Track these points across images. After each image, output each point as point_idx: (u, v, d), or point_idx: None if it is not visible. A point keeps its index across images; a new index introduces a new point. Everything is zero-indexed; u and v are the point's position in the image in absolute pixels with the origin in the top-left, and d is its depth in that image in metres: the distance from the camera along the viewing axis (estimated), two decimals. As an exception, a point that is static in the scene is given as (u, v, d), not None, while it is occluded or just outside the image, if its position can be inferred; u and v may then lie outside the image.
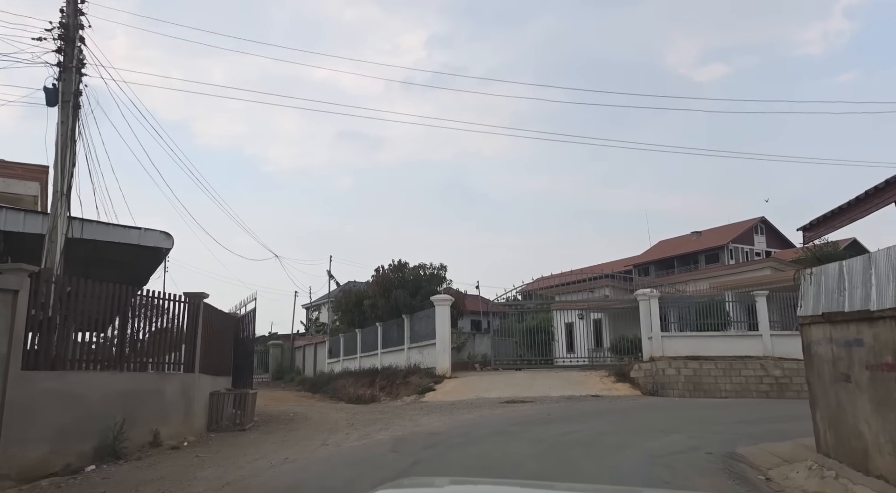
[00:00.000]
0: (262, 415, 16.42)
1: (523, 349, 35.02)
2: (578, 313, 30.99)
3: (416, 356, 22.80)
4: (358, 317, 28.59)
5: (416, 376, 21.23)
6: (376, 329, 27.03)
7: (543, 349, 26.66)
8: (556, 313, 32.13)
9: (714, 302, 21.54)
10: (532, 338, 27.36)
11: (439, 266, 25.19)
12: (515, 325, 27.22)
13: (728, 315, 21.37)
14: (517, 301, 26.04)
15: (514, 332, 27.07)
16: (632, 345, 26.12)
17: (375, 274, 25.28)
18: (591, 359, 27.94)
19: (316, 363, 35.74)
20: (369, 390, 24.08)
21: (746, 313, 21.18)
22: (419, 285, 24.35)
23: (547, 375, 20.66)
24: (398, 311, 24.11)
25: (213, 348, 12.58)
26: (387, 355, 26.05)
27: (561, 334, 31.01)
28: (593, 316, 32.68)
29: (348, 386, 26.76)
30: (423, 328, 22.92)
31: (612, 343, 29.32)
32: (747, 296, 21.21)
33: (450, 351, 21.30)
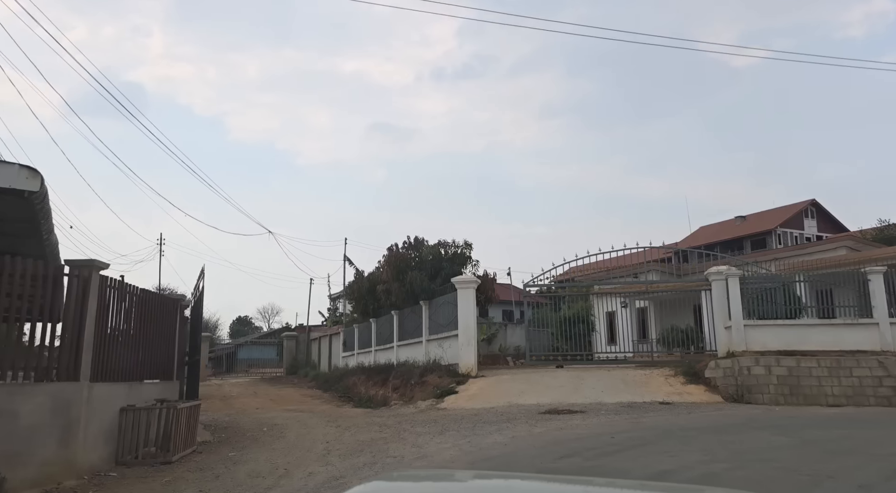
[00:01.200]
0: (231, 428, 12.48)
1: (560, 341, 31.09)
2: (622, 300, 26.65)
3: (436, 351, 18.70)
4: (372, 305, 24.58)
5: (435, 375, 17.12)
6: (391, 319, 22.99)
7: (582, 342, 23.00)
8: (596, 300, 28.25)
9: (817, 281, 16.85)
10: (570, 329, 23.87)
11: (463, 244, 21.00)
12: (551, 314, 23.49)
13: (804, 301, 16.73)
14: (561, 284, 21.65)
15: (549, 322, 23.12)
16: (685, 336, 21.96)
17: (388, 253, 21.19)
18: (636, 352, 23.98)
19: (331, 357, 31.91)
20: (381, 390, 20.06)
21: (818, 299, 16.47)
22: (439, 266, 20.21)
23: (595, 373, 16.35)
24: (415, 296, 20.01)
25: (130, 343, 8.60)
26: (403, 348, 22.01)
27: (601, 324, 27.11)
28: (638, 304, 28.60)
29: (360, 384, 22.79)
30: (444, 317, 18.80)
31: (662, 334, 25.10)
32: (851, 275, 16.52)
33: (475, 345, 17.13)
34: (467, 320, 17.02)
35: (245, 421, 13.98)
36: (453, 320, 17.96)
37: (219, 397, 22.93)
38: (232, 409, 18.42)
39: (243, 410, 18.02)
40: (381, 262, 21.18)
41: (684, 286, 20.24)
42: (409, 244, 20.96)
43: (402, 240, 20.98)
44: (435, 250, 20.60)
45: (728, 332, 15.66)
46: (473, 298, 17.28)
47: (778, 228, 50.92)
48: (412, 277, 19.49)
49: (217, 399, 22.32)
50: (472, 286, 17.27)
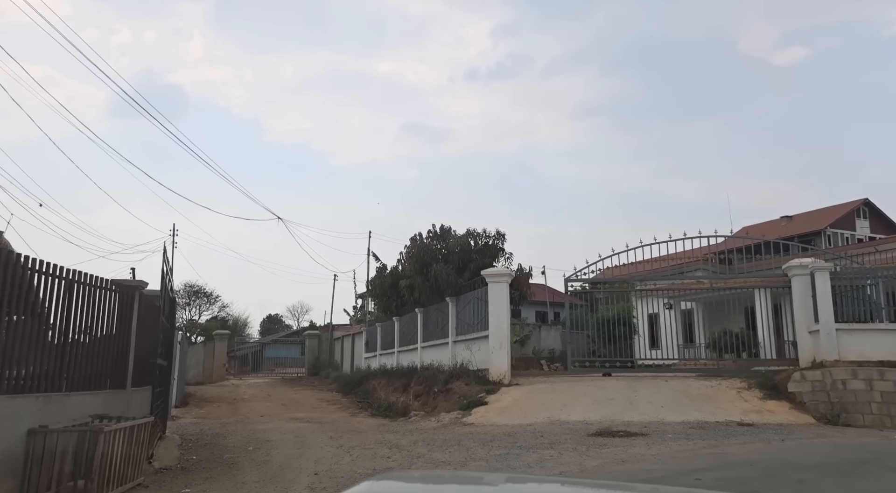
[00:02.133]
0: (212, 446, 10.17)
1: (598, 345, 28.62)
2: (666, 301, 23.81)
3: (464, 353, 16.23)
4: (395, 302, 22.22)
5: (462, 382, 14.65)
6: (415, 317, 20.58)
7: (622, 346, 20.34)
8: (638, 301, 25.55)
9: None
10: (609, 331, 21.41)
11: (495, 234, 18.48)
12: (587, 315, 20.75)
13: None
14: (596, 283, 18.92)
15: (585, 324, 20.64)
16: (738, 341, 18.97)
17: (410, 245, 18.77)
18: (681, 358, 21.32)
19: (353, 358, 29.65)
20: (402, 396, 17.65)
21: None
22: (468, 259, 17.72)
23: (650, 383, 13.70)
24: (440, 292, 17.57)
25: (42, 342, 6.31)
26: (428, 350, 19.59)
27: (643, 326, 24.41)
28: (683, 305, 25.85)
29: (380, 389, 20.42)
30: (473, 315, 16.33)
31: (712, 339, 22.35)
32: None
33: (508, 348, 14.61)
34: (500, 319, 14.52)
35: (236, 435, 11.69)
36: (483, 318, 15.48)
37: (228, 401, 20.81)
38: (234, 416, 16.21)
39: (246, 417, 15.80)
40: (403, 254, 18.81)
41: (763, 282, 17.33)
42: (435, 234, 18.51)
43: (427, 229, 18.61)
44: (463, 240, 18.13)
45: (814, 337, 12.88)
46: (507, 294, 14.77)
47: (828, 229, 47.29)
48: (437, 270, 17.04)
49: (225, 403, 20.20)
50: (504, 280, 14.77)
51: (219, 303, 61.88)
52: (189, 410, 17.94)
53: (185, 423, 14.03)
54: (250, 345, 55.69)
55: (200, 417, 15.68)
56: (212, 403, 20.33)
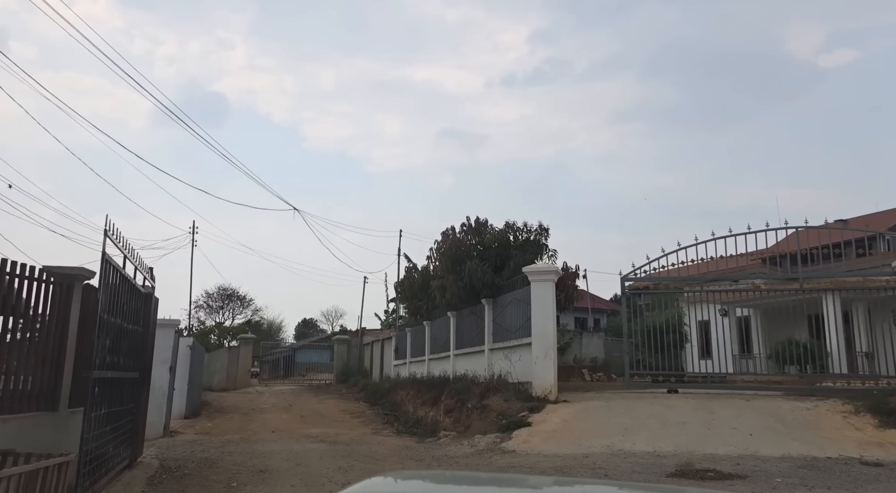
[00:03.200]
0: (191, 478, 8.09)
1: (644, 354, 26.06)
2: (720, 307, 21.14)
3: (502, 363, 13.96)
4: (426, 304, 20.06)
5: (500, 397, 12.37)
6: (447, 322, 18.37)
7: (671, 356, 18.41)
8: (689, 307, 23.06)
9: None
10: (657, 340, 18.81)
11: (537, 228, 16.11)
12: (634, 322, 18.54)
13: None
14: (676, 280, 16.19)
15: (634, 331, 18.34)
16: (805, 352, 16.51)
17: (442, 239, 16.53)
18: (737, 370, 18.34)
19: (383, 365, 27.55)
20: (431, 411, 15.45)
21: None
22: (506, 255, 15.44)
23: (727, 403, 11.24)
24: (475, 293, 15.33)
25: None
26: (461, 358, 17.37)
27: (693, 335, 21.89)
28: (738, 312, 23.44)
29: (408, 401, 18.25)
30: (513, 319, 14.07)
31: (774, 349, 19.83)
32: None
33: (554, 358, 12.29)
34: (544, 323, 12.23)
35: (230, 460, 9.62)
36: (524, 323, 13.21)
37: (244, 412, 18.88)
38: (243, 431, 14.22)
39: (254, 434, 13.79)
40: (434, 250, 16.61)
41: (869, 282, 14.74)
42: (469, 228, 16.25)
43: (460, 223, 16.37)
44: (501, 235, 15.84)
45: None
46: (552, 294, 12.47)
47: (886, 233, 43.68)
48: (471, 268, 14.79)
49: (240, 414, 18.26)
50: (550, 279, 12.47)
51: (252, 306, 60.68)
52: (197, 422, 16.04)
53: (182, 441, 12.07)
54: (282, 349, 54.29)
55: (204, 432, 13.73)
56: (225, 413, 18.43)
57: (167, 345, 13.13)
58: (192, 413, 17.55)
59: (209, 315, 57.44)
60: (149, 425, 12.82)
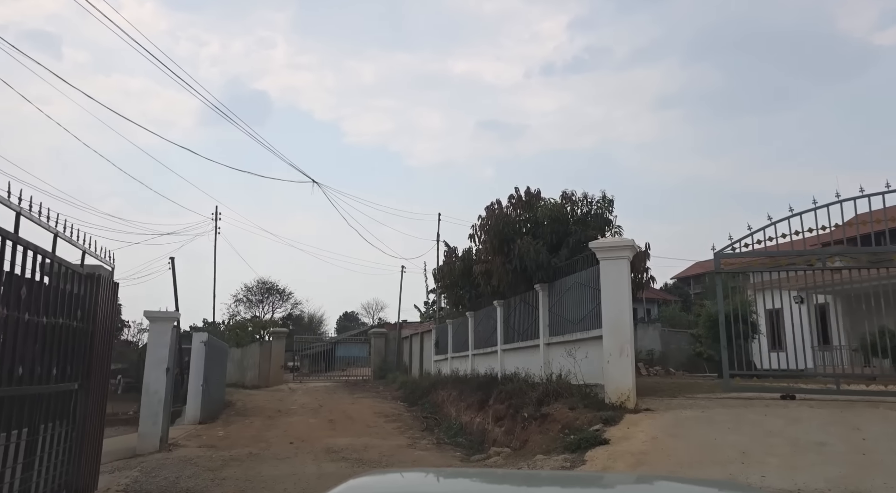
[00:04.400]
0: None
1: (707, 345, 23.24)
2: (795, 294, 17.97)
3: (562, 360, 11.36)
4: (468, 293, 17.56)
5: (563, 404, 9.77)
6: (494, 312, 15.83)
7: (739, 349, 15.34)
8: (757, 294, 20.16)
9: None
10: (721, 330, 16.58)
11: (600, 199, 13.28)
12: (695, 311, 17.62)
13: None
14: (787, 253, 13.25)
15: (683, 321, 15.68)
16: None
17: (486, 214, 13.82)
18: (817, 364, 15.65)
19: (423, 360, 25.21)
20: (478, 417, 12.97)
21: None
22: (563, 232, 12.78)
23: (869, 414, 8.44)
24: (526, 277, 12.74)
25: None
26: (511, 354, 14.82)
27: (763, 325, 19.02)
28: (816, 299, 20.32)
29: (449, 403, 15.82)
30: (575, 307, 11.46)
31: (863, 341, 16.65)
32: None
33: (632, 354, 9.61)
34: (618, 312, 9.59)
35: (223, 489, 7.32)
36: (591, 312, 10.59)
37: (267, 415, 16.73)
38: (256, 443, 11.99)
39: (269, 446, 11.54)
40: (477, 228, 14.00)
41: None
42: (518, 200, 13.56)
43: (508, 195, 13.68)
44: (557, 208, 13.14)
45: None
46: (627, 276, 9.80)
47: None
48: (522, 247, 12.18)
49: (262, 418, 16.12)
50: (624, 256, 9.79)
51: (291, 300, 59.20)
52: (210, 429, 13.91)
53: (176, 458, 9.85)
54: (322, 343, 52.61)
55: (209, 444, 11.52)
56: (247, 417, 16.31)
57: (163, 342, 10.98)
58: (208, 417, 15.48)
59: (249, 309, 56.23)
60: (141, 438, 10.68)
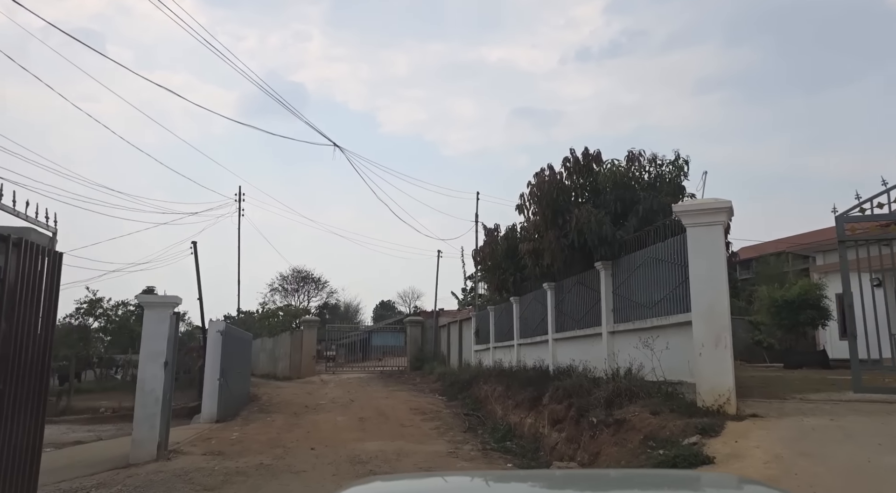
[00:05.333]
0: None
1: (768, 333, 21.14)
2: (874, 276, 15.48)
3: (632, 351, 9.32)
4: (513, 275, 15.60)
5: (643, 407, 7.75)
6: (544, 296, 13.81)
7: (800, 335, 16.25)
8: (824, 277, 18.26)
9: None
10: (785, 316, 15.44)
11: (674, 159, 11.00)
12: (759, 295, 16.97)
13: None
14: None
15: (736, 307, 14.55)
16: None
17: (536, 182, 11.59)
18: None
19: (462, 349, 23.35)
20: (528, 417, 11.01)
21: None
22: (631, 199, 10.63)
23: None
24: (585, 253, 10.68)
25: None
26: (566, 344, 12.81)
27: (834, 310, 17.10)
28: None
29: (494, 399, 13.90)
30: (649, 287, 9.37)
31: None
32: None
33: (730, 345, 7.51)
34: (713, 291, 7.50)
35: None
36: (671, 293, 8.54)
37: (293, 412, 15.08)
38: (274, 448, 10.28)
39: (288, 452, 9.80)
40: (525, 197, 11.87)
41: None
42: (574, 163, 11.34)
43: (562, 158, 11.51)
44: (621, 172, 11.00)
45: None
46: (722, 245, 7.71)
47: None
48: (581, 218, 10.09)
49: (287, 415, 14.47)
50: (720, 220, 7.68)
51: (327, 288, 57.97)
52: (225, 430, 12.28)
53: (172, 470, 8.16)
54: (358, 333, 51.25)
55: (218, 450, 9.82)
56: (270, 413, 14.68)
57: (159, 333, 9.29)
58: (227, 415, 13.89)
59: (284, 298, 55.18)
60: (135, 445, 9.00)
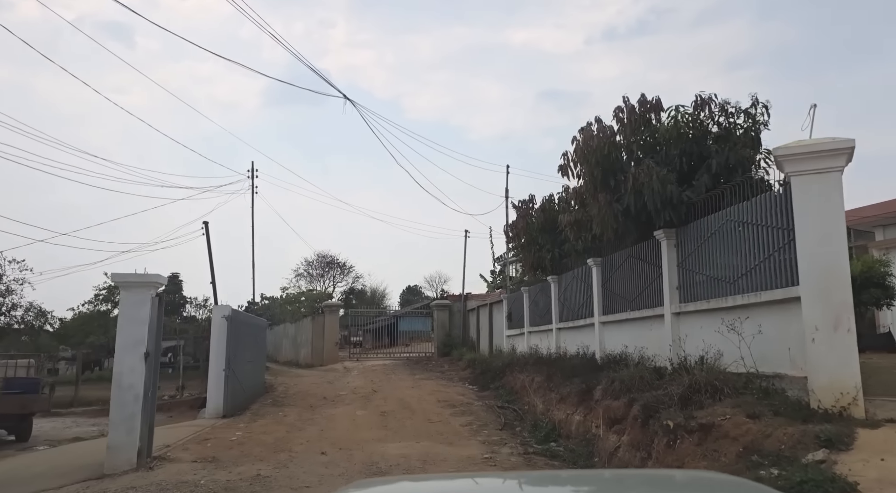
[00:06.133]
0: None
1: None
2: None
3: (708, 335, 7.53)
4: (551, 251, 13.82)
5: (728, 406, 5.99)
6: (588, 273, 12.03)
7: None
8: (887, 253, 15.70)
9: None
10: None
11: (751, 105, 8.96)
12: None
13: None
14: None
15: None
16: None
17: (583, 137, 9.64)
18: None
19: (492, 334, 21.66)
20: (577, 413, 9.29)
21: None
22: (700, 153, 8.72)
23: None
24: (642, 220, 8.86)
25: None
26: (615, 328, 11.03)
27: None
28: None
29: (532, 391, 12.19)
30: (730, 258, 7.54)
31: None
32: None
33: (853, 325, 5.70)
34: (831, 256, 5.69)
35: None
36: (768, 261, 6.72)
37: (309, 403, 13.60)
38: (278, 451, 8.75)
39: (293, 458, 8.25)
40: (569, 156, 9.97)
41: None
42: (630, 112, 9.41)
43: (614, 108, 9.55)
44: (688, 121, 9.05)
45: None
46: (841, 198, 5.88)
47: None
48: (640, 176, 8.24)
49: (301, 409, 12.98)
50: (837, 166, 5.83)
51: (352, 273, 56.61)
52: (227, 428, 10.80)
53: (148, 484, 6.64)
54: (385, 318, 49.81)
55: (212, 455, 8.32)
56: (282, 408, 13.20)
57: (139, 318, 7.76)
58: (235, 409, 12.45)
59: (310, 284, 54.03)
60: (111, 452, 7.46)
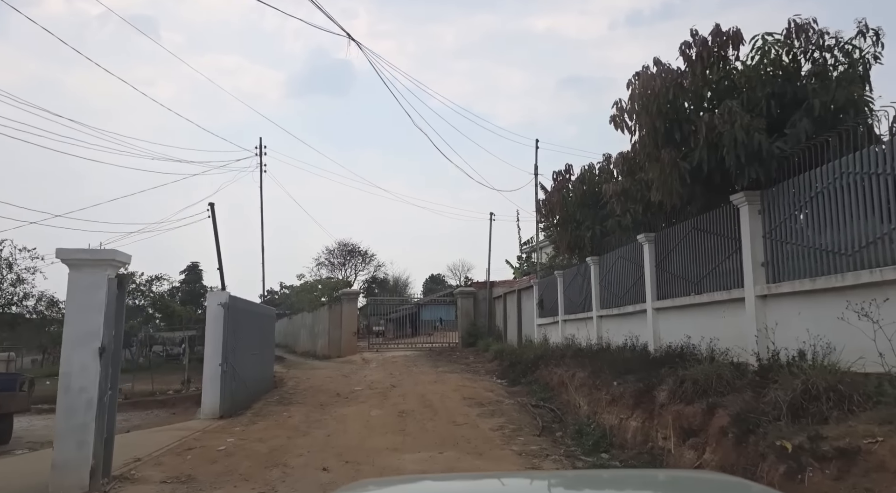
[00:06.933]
0: None
1: None
2: None
3: (813, 323, 5.75)
4: (592, 228, 12.07)
5: (870, 421, 4.26)
6: (636, 253, 10.26)
7: None
8: None
9: None
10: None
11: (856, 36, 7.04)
12: None
13: None
14: None
15: None
16: None
17: (640, 83, 7.73)
18: None
19: (521, 323, 19.94)
20: (634, 417, 7.54)
21: None
22: (793, 95, 6.88)
23: None
24: (715, 184, 7.06)
25: None
26: (672, 315, 9.26)
27: None
28: None
29: (574, 387, 10.45)
30: (842, 224, 5.73)
31: None
32: None
33: None
34: None
35: None
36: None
37: (320, 401, 12.08)
38: (273, 462, 7.18)
39: (286, 475, 6.68)
40: (622, 105, 8.12)
41: None
42: (702, 49, 7.47)
43: (680, 43, 7.63)
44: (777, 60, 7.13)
45: None
46: None
47: None
48: (720, 124, 6.42)
49: (311, 406, 11.46)
50: None
51: (374, 262, 55.28)
52: (218, 433, 9.30)
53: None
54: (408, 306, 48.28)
55: (189, 473, 6.75)
56: (288, 406, 11.68)
57: (91, 303, 6.20)
58: (235, 408, 10.96)
59: (332, 273, 52.81)
60: (56, 471, 5.89)
